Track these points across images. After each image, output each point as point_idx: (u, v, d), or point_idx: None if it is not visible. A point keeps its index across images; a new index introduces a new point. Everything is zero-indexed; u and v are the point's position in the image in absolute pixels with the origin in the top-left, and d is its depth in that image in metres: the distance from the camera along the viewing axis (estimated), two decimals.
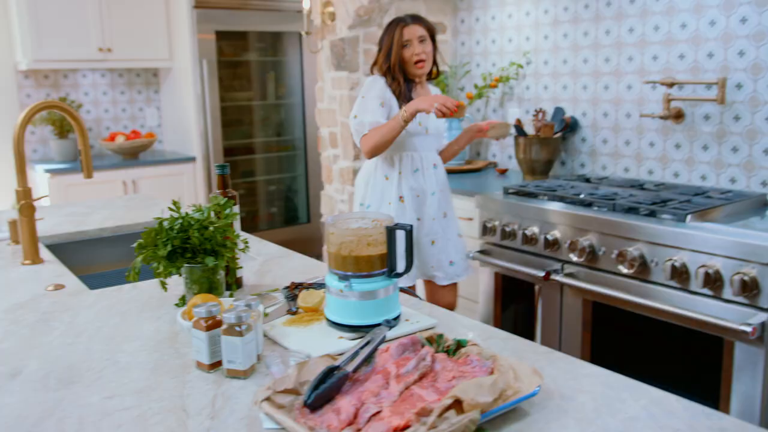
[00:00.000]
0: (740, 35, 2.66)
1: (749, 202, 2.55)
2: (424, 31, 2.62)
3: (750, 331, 2.04)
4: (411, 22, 2.61)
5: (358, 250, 1.28)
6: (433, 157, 2.74)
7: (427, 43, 2.62)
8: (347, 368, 1.07)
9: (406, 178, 2.69)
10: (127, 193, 4.48)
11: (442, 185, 2.76)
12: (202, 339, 1.19)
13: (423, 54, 2.61)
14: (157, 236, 1.47)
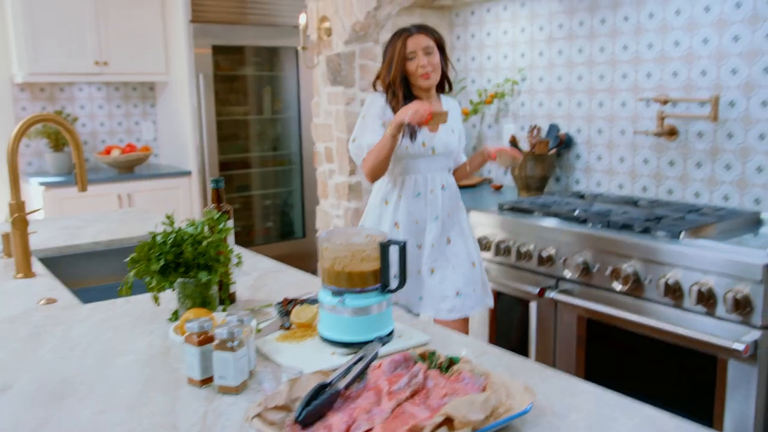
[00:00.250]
0: (733, 53, 2.68)
1: (742, 220, 2.56)
2: (430, 42, 2.40)
3: (743, 350, 2.04)
4: (416, 32, 2.40)
5: (351, 265, 1.28)
6: (441, 179, 2.50)
7: (434, 55, 2.40)
8: (339, 385, 1.07)
9: (405, 203, 2.48)
10: (122, 207, 4.48)
11: (450, 209, 2.51)
12: (193, 354, 1.19)
13: (429, 66, 2.39)
14: (150, 250, 1.47)
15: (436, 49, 2.42)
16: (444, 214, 2.49)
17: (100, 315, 1.59)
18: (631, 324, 2.39)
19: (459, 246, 2.51)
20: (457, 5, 3.83)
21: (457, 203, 2.54)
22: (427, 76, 2.40)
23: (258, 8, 4.88)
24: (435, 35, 2.44)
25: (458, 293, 2.46)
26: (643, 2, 2.95)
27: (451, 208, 2.52)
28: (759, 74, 2.61)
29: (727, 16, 2.68)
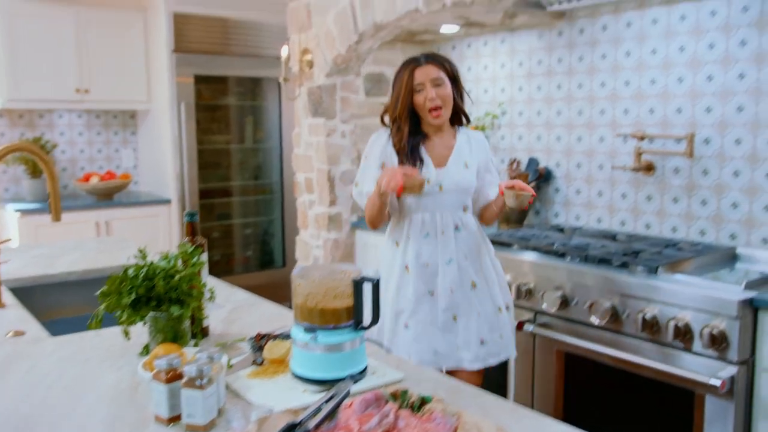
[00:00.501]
0: (707, 93, 2.73)
1: (718, 255, 2.59)
2: (440, 72, 2.21)
3: (719, 385, 2.05)
4: (424, 62, 2.22)
5: (324, 302, 1.27)
6: (454, 218, 2.27)
7: (443, 87, 2.20)
8: (309, 425, 1.05)
9: (413, 245, 2.27)
10: (100, 235, 4.43)
11: (468, 251, 2.27)
12: (161, 392, 1.16)
13: (438, 99, 2.19)
14: (122, 284, 1.45)
15: (447, 81, 2.22)
16: (460, 257, 2.26)
17: (68, 349, 1.56)
18: (609, 358, 2.39)
19: (484, 290, 2.29)
20: (438, 40, 3.88)
21: (477, 245, 2.30)
22: (436, 110, 2.21)
23: (241, 39, 4.91)
24: (446, 65, 2.25)
25: (482, 341, 2.25)
26: (620, 41, 3.01)
27: (470, 251, 2.29)
28: (732, 113, 2.66)
29: (701, 56, 2.74)
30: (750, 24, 2.58)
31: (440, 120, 2.24)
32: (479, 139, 2.38)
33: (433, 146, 2.29)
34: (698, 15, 2.73)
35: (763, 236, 2.61)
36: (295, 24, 3.70)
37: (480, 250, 2.32)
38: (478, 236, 2.32)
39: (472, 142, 2.34)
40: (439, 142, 2.30)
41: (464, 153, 2.29)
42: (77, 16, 4.49)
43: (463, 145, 2.31)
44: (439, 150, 2.29)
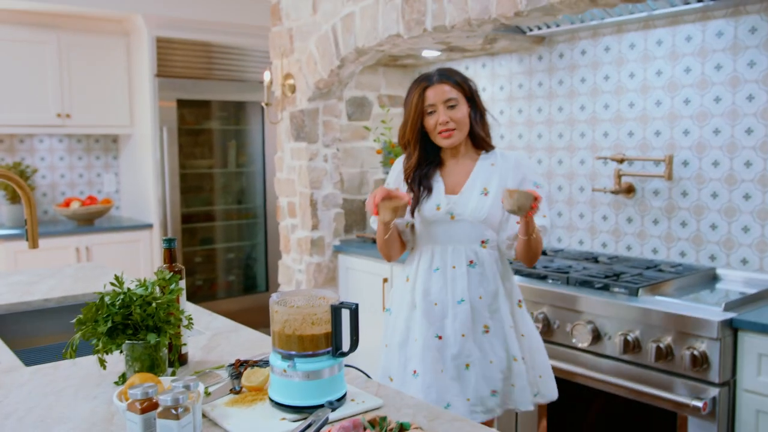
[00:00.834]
0: (684, 115, 2.77)
1: (698, 276, 2.60)
2: (454, 92, 2.00)
3: (701, 407, 2.05)
4: (437, 80, 2.01)
5: (302, 328, 1.26)
6: (468, 252, 2.02)
7: (457, 109, 1.99)
8: None
9: (421, 280, 2.06)
10: (80, 261, 4.39)
11: (484, 291, 2.01)
12: (136, 422, 1.15)
13: (450, 122, 1.98)
14: (98, 312, 1.43)
15: (462, 101, 2.02)
16: (473, 297, 2.01)
17: (42, 378, 1.54)
18: (591, 380, 2.38)
19: (498, 336, 2.02)
20: (419, 64, 3.92)
21: (496, 285, 2.03)
22: (448, 134, 2.00)
23: (224, 64, 4.93)
24: (462, 84, 2.03)
25: (494, 392, 2.02)
26: (598, 65, 3.05)
27: (486, 291, 2.02)
28: (709, 136, 2.70)
29: (678, 80, 2.78)
30: (725, 49, 2.63)
31: (451, 142, 2.01)
32: (512, 160, 2.07)
33: (449, 172, 2.08)
34: (674, 40, 2.78)
35: (742, 257, 2.64)
36: (277, 49, 3.72)
37: (499, 291, 2.04)
38: (497, 274, 2.04)
39: (500, 166, 2.05)
40: (455, 168, 2.08)
41: (484, 178, 2.03)
42: (59, 41, 4.49)
43: (483, 170, 2.05)
44: (455, 176, 2.07)
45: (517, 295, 2.11)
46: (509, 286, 2.09)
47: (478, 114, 2.07)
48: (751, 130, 2.58)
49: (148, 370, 1.44)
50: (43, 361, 1.69)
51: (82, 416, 1.32)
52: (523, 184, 2.03)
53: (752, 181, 2.59)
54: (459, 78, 2.05)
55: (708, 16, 2.67)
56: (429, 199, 2.03)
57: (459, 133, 2.02)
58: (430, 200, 2.03)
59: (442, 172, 2.09)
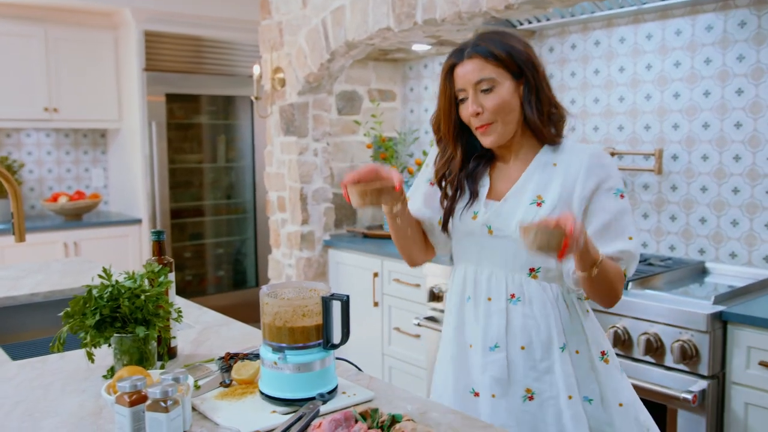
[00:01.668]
0: (674, 109, 2.78)
1: (688, 270, 2.61)
2: (489, 68, 1.45)
3: (691, 399, 2.06)
4: (468, 55, 1.47)
5: (292, 321, 1.25)
6: (510, 282, 1.49)
7: (496, 91, 1.45)
8: None
9: (451, 311, 1.59)
10: (68, 256, 4.35)
11: (528, 340, 1.47)
12: (124, 415, 1.13)
13: (485, 113, 1.46)
14: (86, 305, 1.41)
15: (504, 79, 1.45)
16: (513, 345, 1.48)
17: (29, 373, 1.52)
18: None
19: (546, 409, 1.46)
20: (411, 58, 3.91)
21: (549, 333, 1.46)
22: (483, 129, 1.48)
23: (213, 58, 4.90)
24: (502, 53, 1.45)
25: None
26: (588, 59, 3.05)
27: (533, 339, 1.47)
28: (698, 130, 2.71)
29: (668, 74, 2.78)
30: (714, 43, 2.64)
31: (492, 140, 1.48)
32: (584, 157, 1.47)
33: (499, 172, 1.57)
34: (664, 34, 2.78)
35: (731, 250, 2.65)
36: (267, 42, 3.70)
37: (551, 341, 1.46)
38: (553, 317, 1.47)
39: (566, 166, 1.48)
40: (507, 166, 1.56)
41: (539, 181, 1.48)
42: (46, 35, 4.44)
43: (539, 170, 1.49)
44: (504, 178, 1.55)
45: (597, 348, 1.50)
46: (578, 338, 1.49)
47: (532, 94, 1.47)
48: (740, 124, 2.59)
49: (137, 364, 1.42)
50: (30, 356, 1.67)
51: (70, 410, 1.30)
52: (598, 194, 1.44)
53: (741, 175, 2.60)
54: (498, 46, 1.46)
55: (697, 10, 2.67)
56: (467, 204, 1.55)
57: (500, 126, 1.47)
58: (468, 205, 1.55)
59: (492, 172, 1.57)
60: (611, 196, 1.45)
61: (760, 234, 2.57)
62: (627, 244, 1.43)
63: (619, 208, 1.45)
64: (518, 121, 1.49)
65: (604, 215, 1.44)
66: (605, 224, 1.44)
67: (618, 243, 1.43)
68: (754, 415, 2.05)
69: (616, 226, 1.44)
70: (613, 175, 1.47)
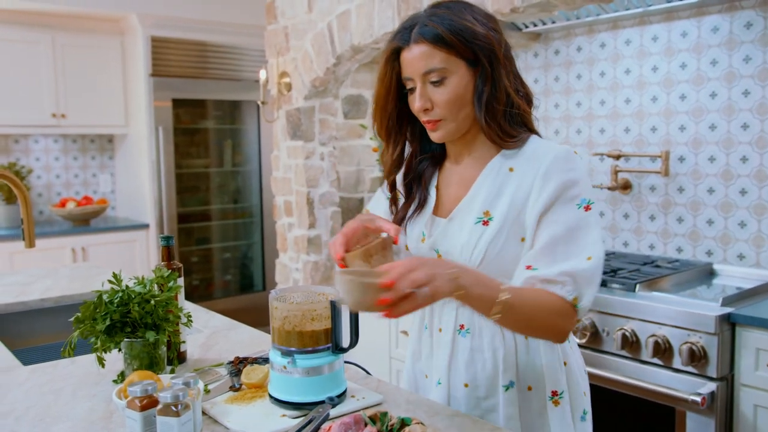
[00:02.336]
0: (680, 111, 2.78)
1: (695, 271, 2.61)
2: (438, 56, 1.20)
3: (700, 401, 2.05)
4: (414, 38, 1.21)
5: (302, 325, 1.26)
6: (462, 312, 1.31)
7: (447, 83, 1.21)
8: None
9: (410, 341, 1.48)
10: (76, 261, 4.37)
11: (472, 374, 1.31)
12: (136, 419, 1.14)
13: (435, 109, 1.24)
14: (96, 310, 1.42)
15: (458, 68, 1.21)
16: (457, 383, 1.33)
17: (40, 378, 1.53)
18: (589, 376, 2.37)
19: None
20: None
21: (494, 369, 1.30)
22: (432, 126, 1.26)
23: (219, 63, 4.92)
24: (456, 38, 1.18)
25: None
26: (594, 61, 3.06)
27: (476, 376, 1.31)
28: (705, 131, 2.70)
29: (674, 75, 2.78)
30: (720, 44, 2.63)
31: (439, 135, 1.27)
32: (545, 161, 1.21)
33: (450, 175, 1.35)
34: (670, 36, 2.78)
35: (738, 252, 2.64)
36: (273, 47, 3.71)
37: (497, 378, 1.30)
38: (503, 353, 1.29)
39: (523, 172, 1.24)
40: (459, 169, 1.34)
41: (490, 193, 1.26)
42: (54, 41, 4.48)
43: (492, 179, 1.27)
44: (455, 184, 1.34)
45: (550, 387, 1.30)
46: (534, 373, 1.29)
47: (487, 85, 1.21)
48: (747, 125, 2.59)
49: (147, 368, 1.43)
50: (40, 361, 1.69)
51: (80, 415, 1.31)
52: (556, 203, 1.18)
53: (748, 176, 2.60)
54: (448, 27, 1.19)
55: (703, 11, 2.67)
56: (413, 215, 1.35)
57: (449, 123, 1.25)
58: (414, 217, 1.35)
59: (442, 174, 1.36)
60: (571, 206, 1.18)
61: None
62: (579, 264, 1.15)
63: (577, 220, 1.17)
64: (469, 119, 1.26)
65: (555, 228, 1.17)
66: (554, 239, 1.17)
67: (568, 262, 1.15)
68: (764, 417, 2.05)
69: (569, 243, 1.17)
70: (580, 181, 1.19)
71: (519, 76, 1.29)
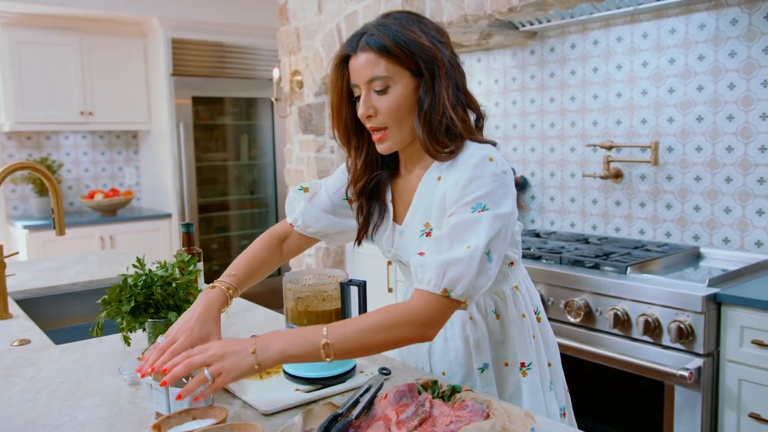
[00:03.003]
0: (669, 104, 2.75)
1: (683, 255, 2.59)
2: (383, 65, 1.15)
3: (687, 376, 2.04)
4: (360, 47, 1.17)
5: (313, 305, 1.25)
6: None
7: (391, 92, 1.16)
8: (351, 415, 1.04)
9: None
10: (104, 248, 4.39)
11: (447, 363, 1.35)
12: (161, 391, 1.14)
13: (378, 116, 1.19)
14: (122, 292, 1.42)
15: (401, 78, 1.17)
16: (437, 372, 1.37)
17: (71, 356, 1.53)
18: (584, 353, 2.37)
19: None
20: None
21: (467, 355, 1.32)
22: (379, 137, 1.21)
23: (236, 63, 4.91)
24: (393, 50, 1.14)
25: None
26: (587, 58, 3.02)
27: (452, 364, 1.34)
28: (692, 123, 2.68)
29: (663, 70, 2.75)
30: (707, 40, 2.60)
31: (385, 147, 1.22)
32: (463, 168, 1.16)
33: (401, 184, 1.31)
34: (659, 33, 2.75)
35: (724, 236, 2.62)
36: (285, 47, 3.70)
37: (471, 363, 1.32)
38: (472, 338, 1.30)
39: (446, 178, 1.19)
40: (406, 178, 1.30)
41: (426, 205, 1.23)
42: (81, 43, 4.47)
43: (426, 191, 1.23)
44: (405, 192, 1.30)
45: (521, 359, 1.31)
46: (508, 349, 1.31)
47: (429, 98, 1.16)
48: (732, 116, 2.56)
49: None
50: (71, 340, 1.69)
51: (109, 390, 1.31)
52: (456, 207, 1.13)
53: (733, 165, 2.57)
54: (393, 37, 1.15)
55: (691, 9, 2.63)
56: (377, 224, 1.31)
57: (396, 133, 1.19)
58: (378, 226, 1.31)
59: (395, 182, 1.32)
60: (467, 208, 1.11)
61: (751, 220, 2.54)
62: (457, 254, 1.07)
63: (468, 220, 1.09)
64: (407, 132, 1.20)
65: (448, 223, 1.12)
66: (442, 234, 1.11)
67: (448, 254, 1.07)
68: (747, 390, 2.04)
69: (453, 236, 1.09)
70: (483, 186, 1.11)
71: (464, 89, 1.22)
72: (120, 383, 1.35)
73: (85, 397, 1.27)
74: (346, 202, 1.36)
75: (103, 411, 1.20)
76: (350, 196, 1.34)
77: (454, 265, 1.06)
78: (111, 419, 1.17)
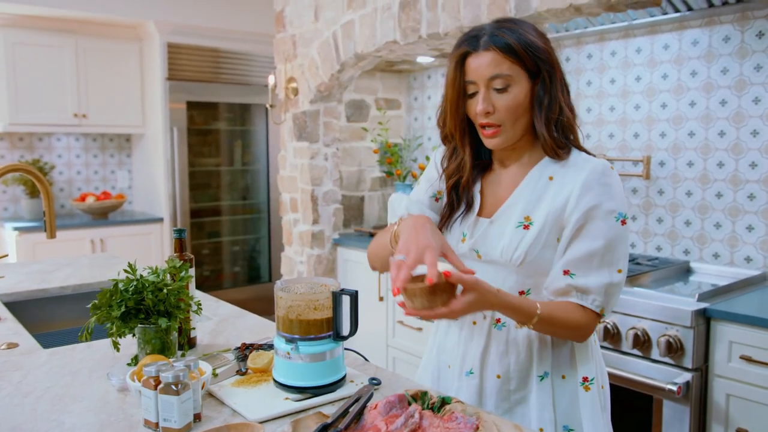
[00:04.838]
0: (661, 119, 2.77)
1: (673, 269, 2.60)
2: (506, 64, 1.20)
3: (676, 390, 2.05)
4: (483, 45, 1.21)
5: (305, 314, 1.25)
6: None
7: (511, 90, 1.21)
8: (340, 425, 1.03)
9: (436, 333, 1.47)
10: (95, 252, 4.36)
11: (506, 365, 1.30)
12: (150, 397, 1.13)
13: (495, 113, 1.23)
14: (112, 297, 1.41)
15: (521, 78, 1.22)
16: (490, 374, 1.32)
17: (59, 360, 1.52)
18: None
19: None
20: (415, 69, 3.90)
21: (528, 361, 1.29)
22: (491, 132, 1.25)
23: (231, 68, 4.91)
24: (523, 49, 1.20)
25: None
26: (581, 71, 3.05)
27: (509, 368, 1.30)
28: (684, 138, 2.70)
29: (656, 85, 2.78)
30: (699, 56, 2.63)
31: (496, 143, 1.26)
32: (583, 173, 1.22)
33: (495, 179, 1.35)
34: (652, 48, 2.78)
35: (714, 251, 2.64)
36: (281, 54, 3.70)
37: (530, 370, 1.29)
38: (538, 345, 1.29)
39: (562, 181, 1.24)
40: (504, 173, 1.34)
41: (530, 199, 1.27)
42: (76, 45, 4.46)
43: (532, 186, 1.27)
44: (499, 187, 1.34)
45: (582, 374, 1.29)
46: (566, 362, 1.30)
47: (548, 98, 1.23)
48: (724, 132, 2.58)
49: (159, 353, 1.42)
50: (60, 344, 1.68)
51: (97, 395, 1.30)
52: (593, 216, 1.20)
53: (724, 180, 2.59)
54: (517, 39, 1.20)
55: (684, 25, 2.66)
56: (458, 218, 1.35)
57: (509, 130, 1.24)
58: (459, 220, 1.35)
59: (487, 177, 1.36)
60: (610, 219, 1.20)
61: (741, 236, 2.56)
62: (612, 277, 1.21)
63: (614, 234, 1.20)
64: (528, 125, 1.26)
65: (594, 242, 1.20)
66: (592, 252, 1.20)
67: (601, 275, 1.20)
68: (735, 405, 2.04)
69: (605, 255, 1.20)
70: (615, 196, 1.21)
71: (569, 92, 1.30)
72: (108, 389, 1.34)
73: (73, 402, 1.26)
74: (434, 200, 1.42)
75: (91, 416, 1.19)
76: (436, 193, 1.41)
77: (612, 288, 1.22)
78: (99, 425, 1.16)
